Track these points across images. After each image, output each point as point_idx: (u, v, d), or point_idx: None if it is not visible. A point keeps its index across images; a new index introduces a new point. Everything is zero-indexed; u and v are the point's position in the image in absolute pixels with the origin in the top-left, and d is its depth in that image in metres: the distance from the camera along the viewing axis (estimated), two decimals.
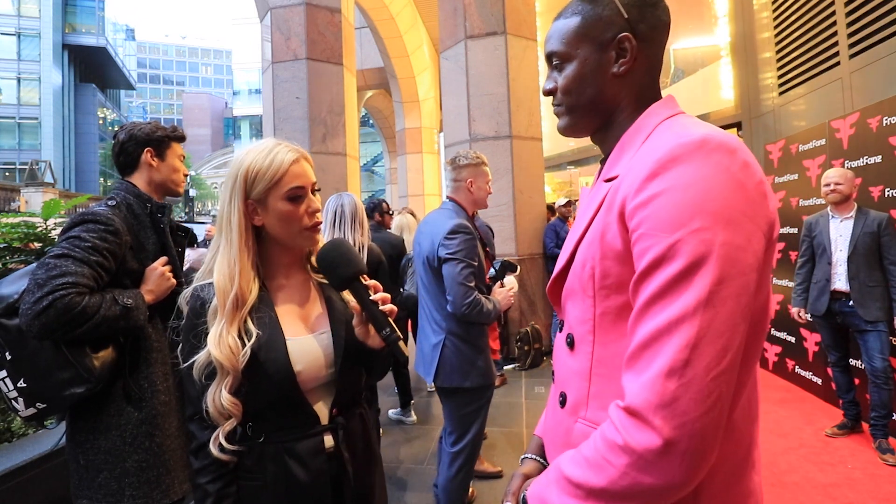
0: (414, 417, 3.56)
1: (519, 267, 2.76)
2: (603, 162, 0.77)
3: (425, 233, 2.05)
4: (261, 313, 0.92)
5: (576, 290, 0.71)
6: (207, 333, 0.89)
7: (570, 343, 0.73)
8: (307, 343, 0.95)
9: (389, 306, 0.92)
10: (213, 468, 0.90)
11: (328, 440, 0.95)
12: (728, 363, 0.53)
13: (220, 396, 0.87)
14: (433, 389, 4.10)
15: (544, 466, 0.85)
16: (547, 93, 0.78)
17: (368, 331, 0.95)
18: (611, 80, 0.72)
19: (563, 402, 0.74)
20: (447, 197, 2.13)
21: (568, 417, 0.73)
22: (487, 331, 2.10)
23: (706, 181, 0.56)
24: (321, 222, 0.99)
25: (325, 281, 1.02)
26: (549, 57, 0.77)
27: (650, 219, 0.57)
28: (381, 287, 0.96)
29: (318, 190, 0.99)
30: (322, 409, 0.96)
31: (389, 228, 3.87)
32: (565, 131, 0.79)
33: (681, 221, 0.55)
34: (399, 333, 0.91)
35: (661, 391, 0.52)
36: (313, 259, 1.04)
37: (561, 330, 0.81)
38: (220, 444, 0.88)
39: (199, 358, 0.88)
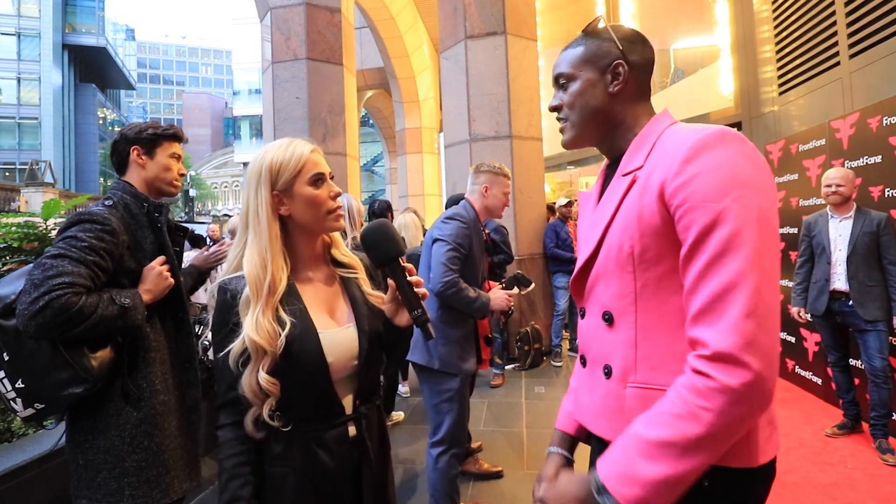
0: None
1: (533, 284, 2.78)
2: (613, 163, 0.92)
3: (433, 225, 2.13)
4: (291, 305, 0.96)
5: (611, 271, 0.82)
6: (239, 324, 0.92)
7: (609, 319, 0.83)
8: (337, 335, 0.99)
9: (423, 290, 0.98)
10: (231, 444, 0.94)
11: (352, 429, 0.99)
12: (778, 300, 0.67)
13: (256, 377, 0.90)
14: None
15: (569, 460, 0.96)
16: (553, 108, 0.93)
17: (397, 309, 1.02)
18: (608, 97, 0.87)
19: (608, 374, 0.83)
20: (464, 199, 2.22)
21: (618, 385, 0.81)
22: (469, 325, 2.10)
23: (734, 161, 0.70)
24: (342, 206, 1.04)
25: (347, 275, 1.08)
26: (557, 79, 0.92)
27: (696, 193, 0.70)
28: (415, 270, 1.00)
29: (333, 178, 1.04)
30: (347, 400, 1.00)
31: None
32: (569, 144, 0.93)
33: (723, 192, 0.68)
34: (428, 315, 0.98)
35: (744, 332, 0.63)
36: (335, 253, 1.09)
37: (583, 316, 0.91)
38: (257, 420, 0.92)
39: (235, 346, 0.91)
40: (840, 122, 3.41)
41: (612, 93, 0.87)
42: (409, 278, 0.97)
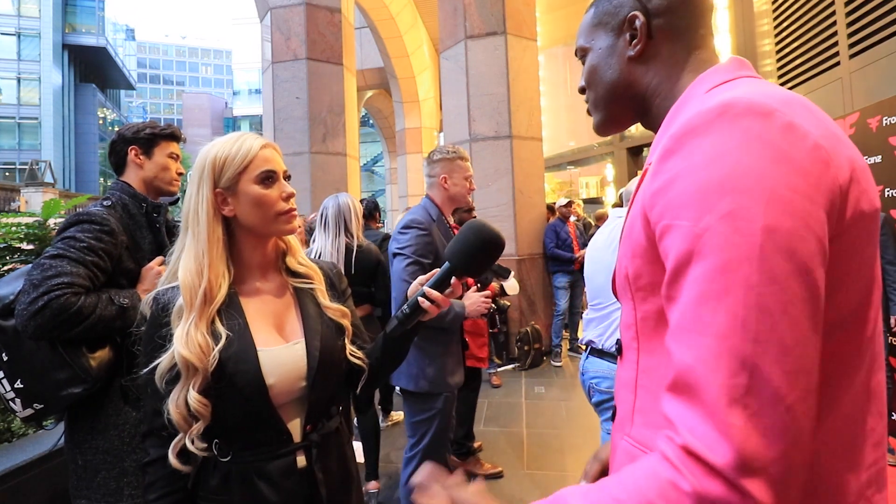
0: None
1: (512, 272, 2.69)
2: None
3: (392, 236, 1.96)
4: (230, 319, 0.86)
5: (619, 293, 0.66)
6: (169, 337, 0.83)
7: (619, 350, 0.68)
8: (280, 354, 0.88)
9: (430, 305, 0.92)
10: (163, 483, 0.85)
11: (301, 459, 0.89)
12: (800, 385, 0.41)
13: (185, 397, 0.80)
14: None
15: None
16: (581, 90, 0.75)
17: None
18: (628, 64, 0.66)
19: (613, 416, 0.68)
20: (425, 194, 2.01)
21: (616, 434, 0.66)
22: (449, 337, 1.94)
23: (734, 153, 0.45)
24: (296, 209, 0.95)
25: (302, 286, 0.98)
26: (577, 53, 0.74)
27: (671, 206, 0.48)
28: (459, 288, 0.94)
29: (289, 177, 0.95)
30: (295, 426, 0.90)
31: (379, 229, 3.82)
32: (599, 129, 0.74)
33: (706, 205, 0.44)
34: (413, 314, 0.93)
35: (731, 433, 0.40)
36: (288, 261, 0.99)
37: None
38: (181, 451, 0.82)
39: (162, 362, 0.82)
40: (840, 122, 3.41)
41: (631, 56, 0.66)
42: (444, 293, 0.92)
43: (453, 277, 0.92)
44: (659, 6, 0.64)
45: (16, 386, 1.21)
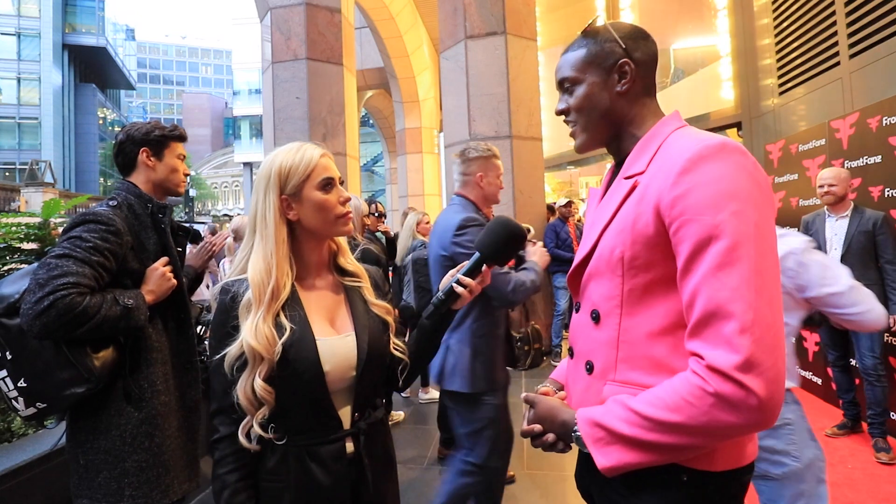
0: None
1: (531, 228, 2.61)
2: (618, 164, 0.90)
3: (434, 233, 1.95)
4: (292, 311, 0.94)
5: (602, 272, 0.83)
6: (238, 328, 0.91)
7: (596, 317, 0.85)
8: (335, 344, 0.96)
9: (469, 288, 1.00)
10: (233, 459, 0.92)
11: (349, 446, 0.96)
12: (780, 320, 0.66)
13: (252, 384, 0.88)
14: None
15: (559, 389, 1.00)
16: (559, 112, 0.92)
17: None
18: (615, 97, 0.86)
19: (590, 370, 0.86)
20: (455, 193, 1.98)
21: (597, 382, 0.84)
22: (503, 327, 1.95)
23: (733, 175, 0.69)
24: (351, 212, 1.03)
25: (351, 284, 1.07)
26: (562, 83, 0.90)
27: (692, 206, 0.69)
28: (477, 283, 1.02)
29: (343, 182, 1.03)
30: (345, 413, 0.97)
31: (375, 231, 3.82)
32: (582, 148, 0.92)
33: (720, 206, 0.67)
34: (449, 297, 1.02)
35: (741, 349, 0.63)
36: (341, 261, 1.08)
37: (577, 310, 0.92)
38: (249, 433, 0.90)
39: (231, 350, 0.90)
40: (840, 122, 3.41)
41: (619, 92, 0.86)
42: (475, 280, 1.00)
43: (483, 266, 1.01)
44: (640, 59, 0.86)
45: (19, 385, 1.22)
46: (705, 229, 0.67)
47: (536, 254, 1.96)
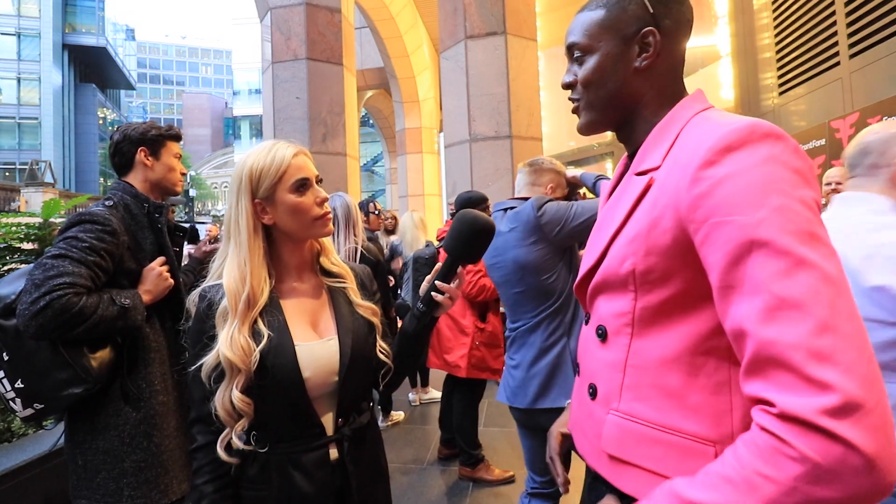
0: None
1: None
2: (631, 156, 0.76)
3: (508, 237, 1.79)
4: (270, 316, 0.92)
5: (611, 285, 0.70)
6: (215, 336, 0.88)
7: (603, 335, 0.72)
8: (316, 349, 0.93)
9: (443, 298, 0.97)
10: (211, 468, 0.90)
11: (333, 452, 0.93)
12: (867, 337, 0.47)
13: (230, 396, 0.86)
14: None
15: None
16: (566, 86, 0.76)
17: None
18: (633, 74, 0.71)
19: (593, 395, 0.74)
20: (519, 197, 1.91)
21: (599, 409, 0.72)
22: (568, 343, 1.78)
23: (767, 164, 0.54)
24: (330, 212, 0.99)
25: (335, 285, 1.03)
26: (570, 49, 0.75)
27: (722, 204, 0.54)
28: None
29: (321, 181, 0.99)
30: (328, 419, 0.95)
31: (375, 230, 3.82)
32: (586, 129, 0.78)
33: (758, 201, 0.52)
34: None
35: (827, 387, 0.44)
36: (324, 261, 1.04)
37: (587, 323, 0.80)
38: (228, 445, 0.88)
39: (208, 360, 0.87)
40: (840, 122, 3.41)
41: (638, 68, 0.70)
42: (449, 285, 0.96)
43: (459, 267, 0.98)
44: (669, 28, 0.70)
45: (16, 386, 1.21)
46: (744, 232, 0.51)
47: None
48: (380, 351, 1.02)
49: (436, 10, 5.90)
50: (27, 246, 2.22)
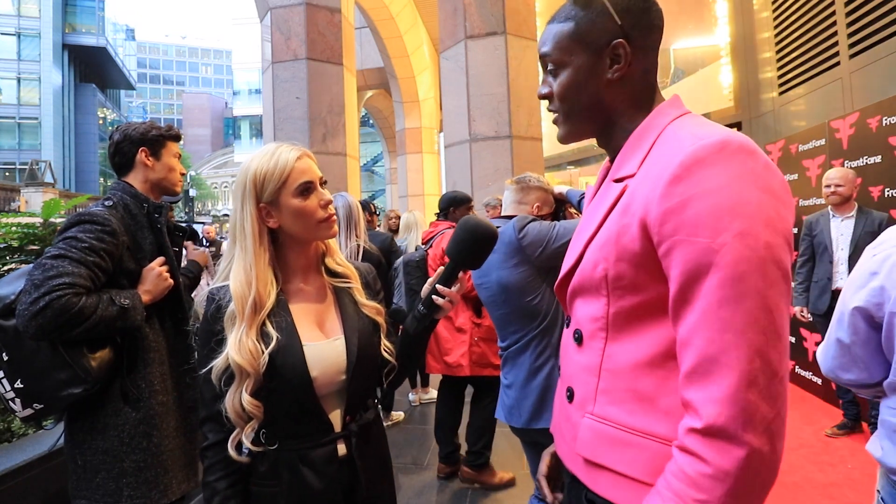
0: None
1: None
2: (613, 160, 0.77)
3: (492, 258, 1.81)
4: (278, 318, 0.93)
5: (586, 289, 0.72)
6: (224, 339, 0.90)
7: (579, 339, 0.74)
8: (323, 348, 0.95)
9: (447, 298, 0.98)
10: (222, 466, 0.92)
11: (341, 448, 0.95)
12: (786, 361, 0.56)
13: (240, 399, 0.87)
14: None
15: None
16: (542, 97, 0.79)
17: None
18: (606, 85, 0.72)
19: (570, 398, 0.76)
20: (504, 216, 1.91)
21: (576, 412, 0.74)
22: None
23: (737, 182, 0.56)
24: (334, 214, 1.00)
25: (340, 285, 1.04)
26: (543, 60, 0.77)
27: (687, 223, 0.57)
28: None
29: (325, 183, 1.00)
30: (336, 416, 0.96)
31: (375, 229, 3.83)
32: (565, 139, 0.80)
33: (721, 225, 0.55)
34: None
35: (743, 404, 0.53)
36: (329, 262, 1.05)
37: (567, 326, 0.81)
38: (239, 444, 0.89)
39: (218, 363, 0.89)
40: (840, 122, 3.41)
41: (610, 79, 0.72)
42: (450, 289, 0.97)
43: (460, 273, 0.99)
44: (639, 39, 0.71)
45: (16, 386, 1.21)
46: (702, 255, 0.55)
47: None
48: (384, 349, 1.04)
49: (436, 10, 5.90)
50: (32, 247, 2.22)
